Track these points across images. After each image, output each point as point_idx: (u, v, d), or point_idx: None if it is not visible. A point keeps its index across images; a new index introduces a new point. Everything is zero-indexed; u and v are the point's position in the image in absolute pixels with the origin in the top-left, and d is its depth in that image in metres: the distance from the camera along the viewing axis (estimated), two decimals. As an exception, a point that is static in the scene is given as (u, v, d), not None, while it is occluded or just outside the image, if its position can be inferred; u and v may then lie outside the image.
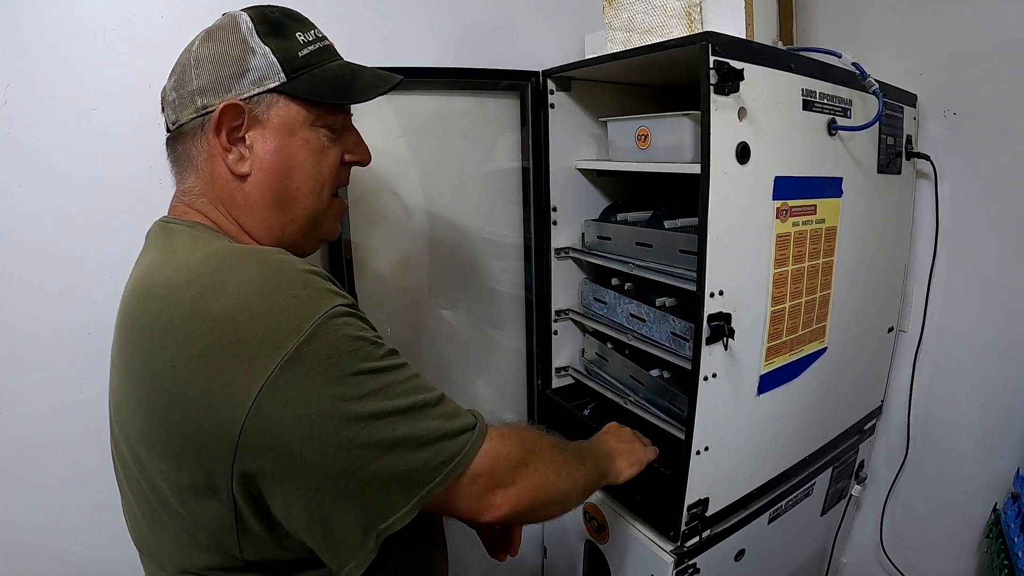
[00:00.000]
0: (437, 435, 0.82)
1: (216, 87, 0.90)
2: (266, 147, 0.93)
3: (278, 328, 0.74)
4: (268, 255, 0.83)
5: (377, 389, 0.78)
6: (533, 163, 1.75)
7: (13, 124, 1.35)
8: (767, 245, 1.30)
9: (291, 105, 0.93)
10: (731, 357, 1.29)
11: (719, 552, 1.47)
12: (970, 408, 1.78)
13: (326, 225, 1.06)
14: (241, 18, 0.93)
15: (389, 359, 0.82)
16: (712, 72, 1.12)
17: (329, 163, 1.00)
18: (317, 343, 0.75)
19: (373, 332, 0.83)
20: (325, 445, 0.75)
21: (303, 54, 0.95)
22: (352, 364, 0.77)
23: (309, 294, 0.78)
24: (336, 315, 0.78)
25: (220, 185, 0.94)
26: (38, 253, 1.41)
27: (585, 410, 1.79)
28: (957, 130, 1.69)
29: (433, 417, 0.83)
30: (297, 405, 0.73)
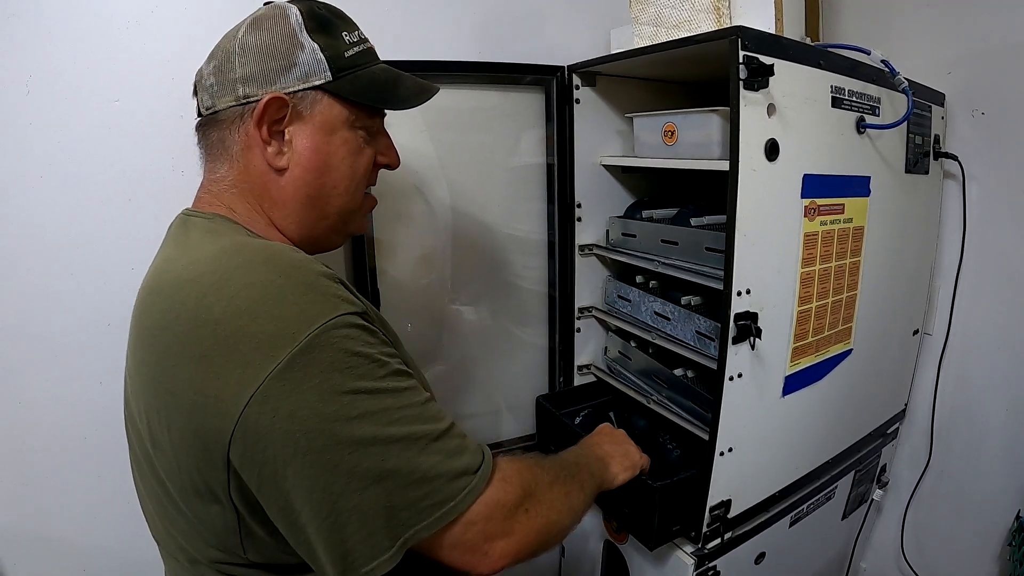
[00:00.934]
0: (432, 474, 0.77)
1: (261, 78, 0.90)
2: (306, 143, 0.93)
3: (273, 336, 0.72)
4: (277, 255, 0.81)
5: (371, 412, 0.74)
6: (558, 159, 1.74)
7: (36, 115, 1.36)
8: (795, 244, 1.29)
9: (334, 104, 0.94)
10: (757, 357, 1.27)
11: (740, 555, 1.46)
12: (994, 413, 1.76)
13: (356, 221, 1.06)
14: (291, 10, 0.92)
15: (391, 380, 0.78)
16: (742, 67, 1.11)
17: (364, 163, 1.00)
18: (312, 355, 0.72)
19: (383, 347, 0.80)
20: (307, 467, 0.72)
21: (349, 55, 0.95)
22: (346, 381, 0.73)
23: (311, 300, 0.76)
24: (337, 325, 0.75)
25: (254, 177, 0.94)
26: (59, 244, 1.42)
27: (577, 418, 1.77)
28: (985, 130, 1.67)
29: (432, 452, 0.78)
30: (284, 420, 0.71)
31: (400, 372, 0.80)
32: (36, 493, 1.52)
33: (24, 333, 1.43)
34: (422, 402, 0.81)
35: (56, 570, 1.58)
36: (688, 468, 1.38)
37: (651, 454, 1.50)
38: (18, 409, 1.46)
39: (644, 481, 1.31)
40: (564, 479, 1.02)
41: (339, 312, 0.75)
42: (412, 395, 0.80)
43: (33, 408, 1.47)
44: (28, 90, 1.35)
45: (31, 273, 1.41)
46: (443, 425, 0.82)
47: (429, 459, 0.77)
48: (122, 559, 1.59)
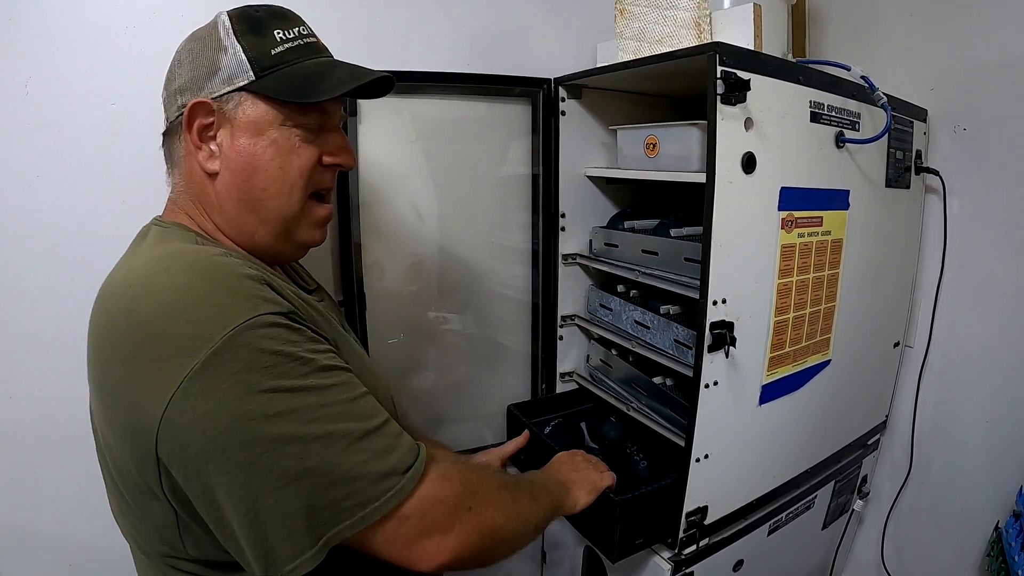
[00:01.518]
0: (354, 474, 0.76)
1: (192, 86, 0.92)
2: (233, 146, 0.92)
3: (191, 337, 0.73)
4: (202, 259, 0.82)
5: (290, 410, 0.74)
6: (543, 169, 1.76)
7: (34, 116, 1.38)
8: (772, 255, 1.31)
9: (259, 104, 0.92)
10: (733, 366, 1.29)
11: (717, 561, 1.47)
12: (974, 425, 1.77)
13: (302, 230, 1.02)
14: (221, 16, 0.94)
15: (315, 377, 0.77)
16: (719, 82, 1.13)
17: (300, 164, 0.96)
18: (227, 355, 0.72)
19: (309, 344, 0.79)
20: (227, 464, 0.72)
21: (276, 51, 0.93)
22: (264, 380, 0.73)
23: (229, 302, 0.76)
24: (255, 325, 0.74)
25: (196, 183, 0.96)
26: (54, 243, 1.44)
27: (547, 427, 1.75)
28: (967, 146, 1.69)
29: (356, 451, 0.77)
30: (202, 419, 0.71)
31: (328, 368, 0.79)
32: (24, 488, 1.53)
33: (16, 331, 1.45)
34: (350, 399, 0.80)
35: (42, 563, 1.59)
36: (655, 481, 1.39)
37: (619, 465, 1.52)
38: (8, 404, 1.48)
39: (606, 495, 1.32)
40: (513, 487, 1.02)
41: (257, 312, 0.76)
42: (339, 391, 0.79)
43: (23, 404, 1.49)
44: (27, 91, 1.37)
45: (25, 271, 1.43)
46: (372, 423, 0.80)
47: (352, 458, 0.76)
48: (107, 552, 1.58)
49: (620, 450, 1.63)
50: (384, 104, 1.56)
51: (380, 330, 1.70)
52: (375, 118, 1.57)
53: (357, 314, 1.63)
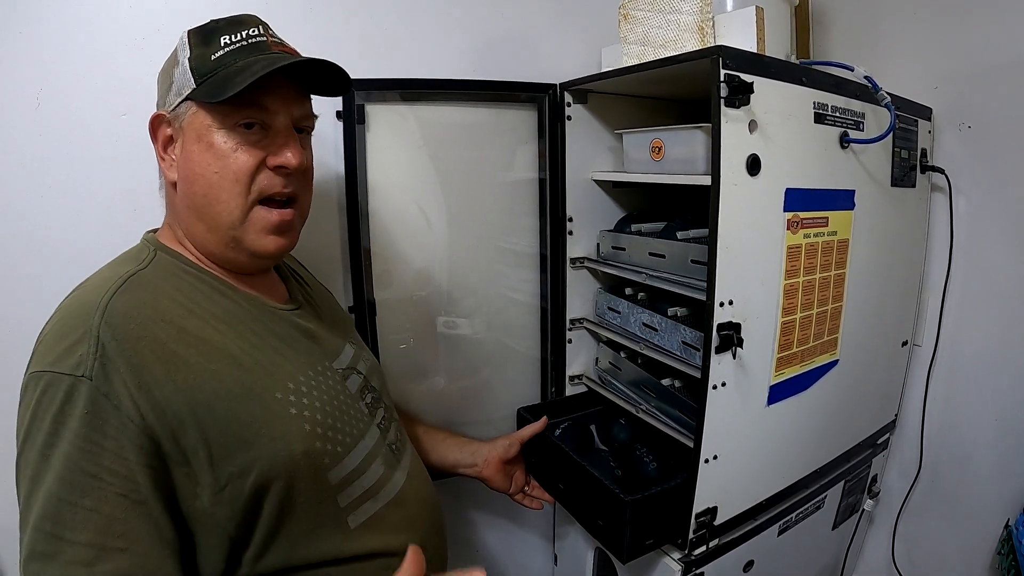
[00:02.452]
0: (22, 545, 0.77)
1: (159, 101, 0.98)
2: (182, 154, 0.96)
3: (29, 363, 0.86)
4: (77, 295, 0.92)
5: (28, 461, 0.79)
6: (550, 174, 1.77)
7: (45, 127, 1.39)
8: (778, 256, 1.31)
9: (200, 111, 0.94)
10: (740, 366, 1.30)
11: (727, 562, 1.47)
12: (984, 424, 1.77)
13: (249, 238, 0.98)
14: (183, 33, 0.97)
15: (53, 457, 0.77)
16: (723, 85, 1.14)
17: (236, 168, 0.94)
18: (24, 392, 0.83)
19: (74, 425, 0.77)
20: None
21: (215, 57, 0.93)
22: (25, 427, 0.80)
23: (47, 349, 0.84)
24: (39, 379, 0.81)
25: (167, 194, 1.02)
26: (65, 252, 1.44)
27: (557, 430, 1.73)
28: (972, 144, 1.69)
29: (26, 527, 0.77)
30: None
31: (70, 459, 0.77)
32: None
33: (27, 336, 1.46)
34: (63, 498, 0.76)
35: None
36: (665, 482, 1.40)
37: (629, 467, 1.52)
38: (21, 410, 1.49)
39: (616, 495, 1.32)
40: None
41: (46, 368, 0.81)
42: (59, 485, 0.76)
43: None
44: (39, 103, 1.38)
45: (37, 280, 1.43)
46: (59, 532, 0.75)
47: (24, 532, 0.77)
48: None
49: (630, 452, 1.63)
50: (391, 111, 1.57)
51: (390, 335, 1.71)
52: (384, 125, 1.58)
53: (367, 320, 1.64)
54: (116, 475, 0.78)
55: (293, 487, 0.93)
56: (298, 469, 0.93)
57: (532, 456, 1.57)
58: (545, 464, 1.57)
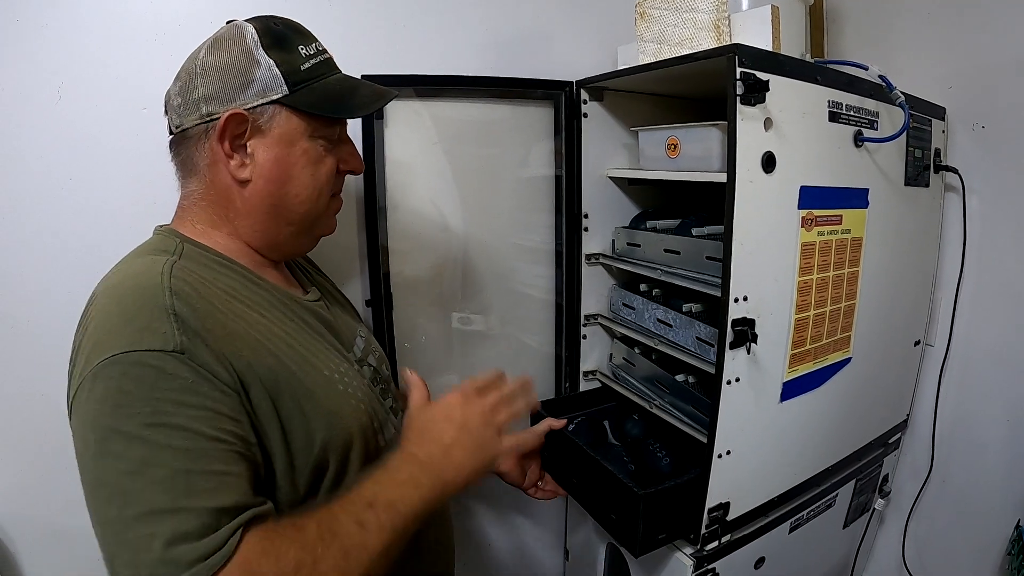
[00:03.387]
0: (138, 545, 0.70)
1: (221, 96, 0.94)
2: (267, 156, 0.97)
3: (87, 358, 0.78)
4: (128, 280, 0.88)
5: (116, 455, 0.73)
6: (566, 171, 1.78)
7: (66, 121, 1.41)
8: (792, 253, 1.32)
9: (292, 117, 0.97)
10: (754, 362, 1.30)
11: (739, 558, 1.48)
12: (995, 424, 1.77)
13: (322, 224, 1.10)
14: (247, 29, 0.96)
15: (156, 432, 0.73)
16: (739, 83, 1.15)
17: (326, 172, 1.03)
18: (95, 383, 0.75)
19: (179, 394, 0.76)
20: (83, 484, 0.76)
21: (305, 67, 0.98)
22: (108, 416, 0.74)
23: (119, 331, 0.79)
24: (123, 361, 0.75)
25: (220, 190, 0.99)
26: (86, 247, 1.46)
27: (571, 425, 1.71)
28: (985, 143, 1.69)
29: (151, 523, 0.70)
30: (73, 432, 0.79)
31: (182, 428, 0.75)
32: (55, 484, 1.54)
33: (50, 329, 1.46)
34: (183, 469, 0.73)
35: (74, 560, 1.60)
36: (678, 477, 1.40)
37: (642, 462, 1.53)
38: (40, 402, 1.49)
39: (630, 489, 1.33)
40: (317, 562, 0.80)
41: (132, 348, 0.76)
42: (175, 457, 0.73)
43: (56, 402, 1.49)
44: (60, 96, 1.39)
45: (59, 273, 1.45)
46: (188, 503, 0.72)
47: (145, 529, 0.70)
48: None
49: (643, 447, 1.64)
50: (409, 108, 1.58)
51: (406, 331, 1.72)
52: (400, 122, 1.59)
53: (384, 316, 1.65)
54: (235, 436, 0.80)
55: (348, 462, 0.97)
56: (353, 444, 0.98)
57: (546, 451, 1.58)
58: (559, 459, 1.57)
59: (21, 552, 1.57)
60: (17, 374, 1.49)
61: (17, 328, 1.47)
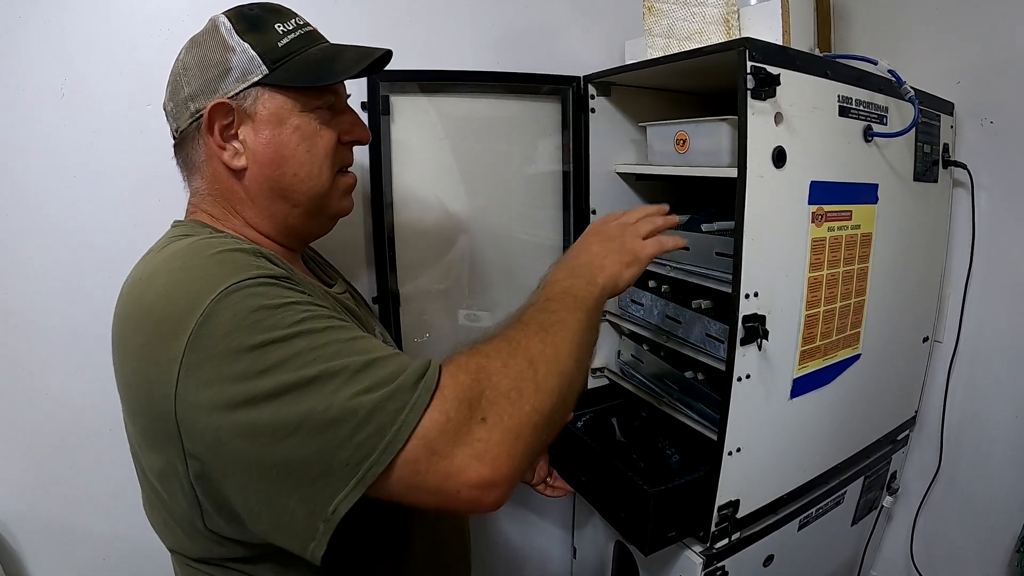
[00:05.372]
0: (355, 404, 0.70)
1: (204, 90, 0.94)
2: (258, 140, 0.95)
3: (184, 311, 0.74)
4: (199, 244, 0.85)
5: (282, 360, 0.71)
6: (574, 166, 1.78)
7: (70, 117, 1.41)
8: (802, 249, 1.31)
9: (276, 95, 0.95)
10: (765, 359, 1.30)
11: (748, 556, 1.48)
12: (1004, 421, 1.76)
13: (333, 203, 1.06)
14: (220, 20, 0.96)
15: (308, 323, 0.74)
16: (749, 77, 1.14)
17: (324, 145, 1.00)
18: (214, 321, 0.72)
19: (300, 295, 0.78)
20: (233, 430, 0.71)
21: (282, 44, 0.96)
22: (252, 337, 0.72)
23: (216, 272, 0.77)
24: (237, 288, 0.74)
25: (221, 183, 0.98)
26: (90, 243, 1.47)
27: (578, 422, 1.74)
28: (994, 139, 1.69)
29: (358, 381, 0.71)
30: (205, 388, 0.71)
31: (322, 316, 0.77)
32: (59, 482, 1.55)
33: (54, 327, 1.47)
34: (347, 339, 0.76)
35: (77, 558, 1.61)
36: (687, 474, 1.40)
37: (651, 460, 1.52)
38: (44, 400, 1.50)
39: (640, 487, 1.32)
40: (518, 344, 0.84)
41: (241, 277, 0.76)
42: (333, 333, 0.76)
43: (59, 400, 1.51)
44: (63, 93, 1.39)
45: (63, 269, 1.46)
46: (372, 355, 0.74)
47: (350, 388, 0.71)
48: (140, 547, 1.61)
49: (652, 444, 1.63)
50: (415, 103, 1.58)
51: (413, 328, 1.72)
52: (406, 118, 1.58)
53: (391, 312, 1.65)
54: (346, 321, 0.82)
55: None
56: None
57: (554, 448, 1.58)
58: (567, 456, 1.57)
59: (25, 549, 1.57)
60: (20, 371, 1.49)
61: (21, 325, 1.47)
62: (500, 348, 0.83)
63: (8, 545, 1.55)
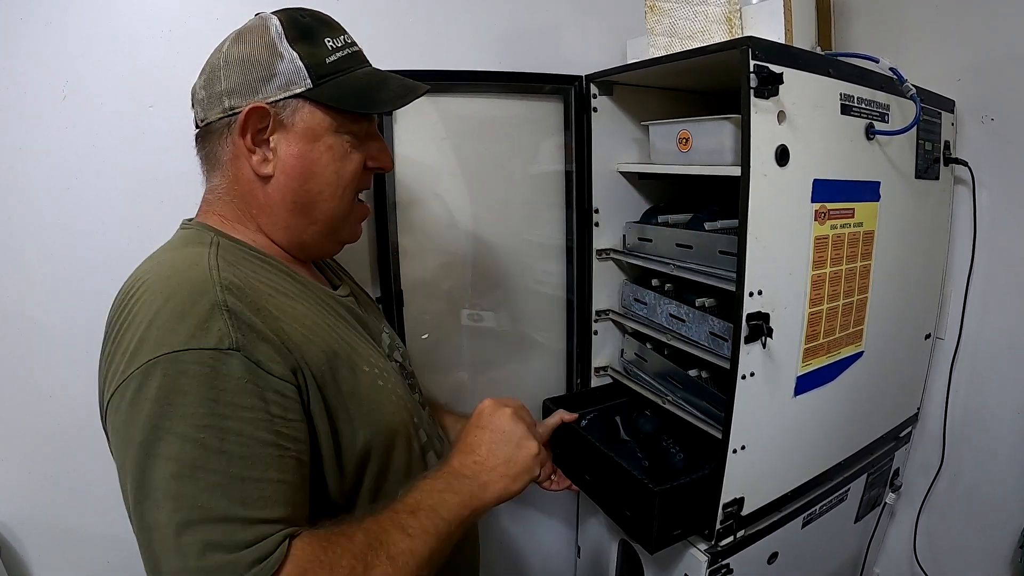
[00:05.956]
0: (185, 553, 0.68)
1: (244, 89, 0.93)
2: (290, 151, 0.95)
3: (133, 352, 0.74)
4: (180, 274, 0.83)
5: (167, 456, 0.70)
6: (576, 166, 1.78)
7: (71, 119, 1.41)
8: (805, 247, 1.32)
9: (316, 111, 0.95)
10: (769, 357, 1.30)
11: (752, 554, 1.48)
12: (1006, 418, 1.77)
13: (347, 228, 1.07)
14: (271, 21, 0.95)
15: (210, 434, 0.72)
16: (752, 76, 1.14)
17: (351, 168, 1.01)
18: (146, 380, 0.72)
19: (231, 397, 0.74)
20: (119, 478, 0.74)
21: (330, 60, 0.96)
22: (160, 417, 0.71)
23: (172, 327, 0.75)
24: (180, 359, 0.73)
25: (243, 185, 0.97)
26: (92, 245, 1.47)
27: (583, 421, 1.73)
28: (995, 136, 1.69)
29: (204, 530, 0.69)
30: (114, 432, 0.75)
31: (234, 432, 0.73)
32: (62, 484, 1.55)
33: (57, 328, 1.48)
34: (237, 476, 0.72)
35: (81, 561, 1.61)
36: (692, 472, 1.40)
37: (656, 458, 1.52)
38: (46, 402, 1.51)
39: (645, 485, 1.32)
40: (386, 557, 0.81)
41: (187, 346, 0.74)
42: (228, 462, 0.72)
43: (61, 401, 1.51)
44: (65, 95, 1.39)
45: (65, 271, 1.46)
46: (240, 511, 0.71)
47: (195, 535, 0.69)
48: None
49: (656, 443, 1.64)
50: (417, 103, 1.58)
51: (415, 327, 1.72)
52: (410, 118, 1.58)
53: (394, 311, 1.65)
54: (291, 439, 0.79)
55: (390, 456, 0.98)
56: (396, 438, 0.99)
57: (558, 447, 1.58)
58: (571, 455, 1.57)
59: (29, 552, 1.57)
60: (22, 373, 1.50)
61: (24, 328, 1.47)
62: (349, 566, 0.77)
63: (11, 548, 1.55)
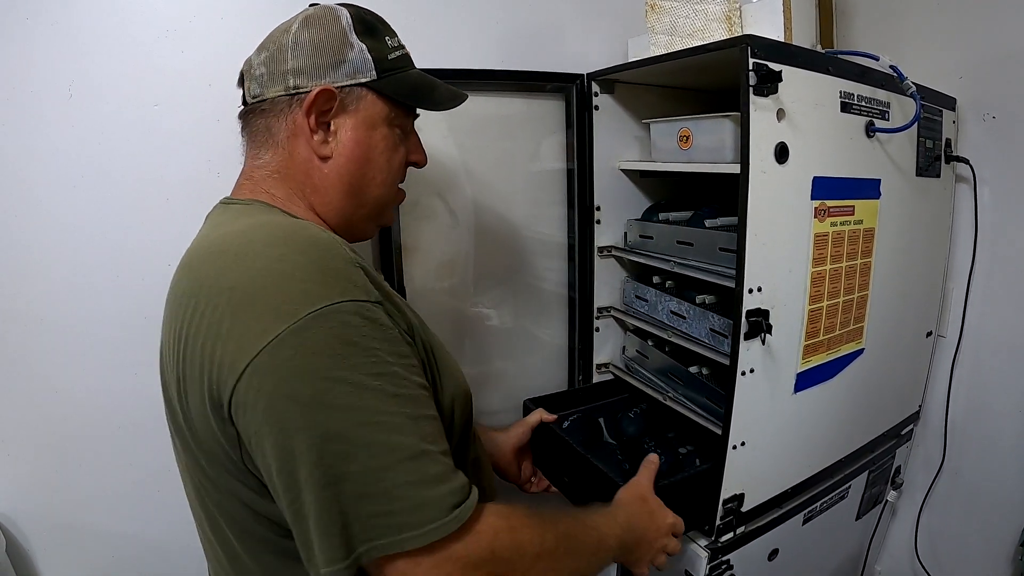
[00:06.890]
0: (394, 494, 0.71)
1: (311, 71, 0.96)
2: (350, 135, 0.99)
3: (275, 310, 0.73)
4: (300, 232, 0.84)
5: (347, 407, 0.71)
6: (577, 164, 1.78)
7: (78, 118, 1.42)
8: (805, 244, 1.32)
9: (377, 102, 1.00)
10: (769, 353, 1.30)
11: (753, 550, 1.48)
12: (1007, 415, 1.77)
13: (388, 213, 1.13)
14: (342, 13, 0.99)
15: (384, 381, 0.75)
16: (751, 74, 1.15)
17: (399, 159, 1.07)
18: (305, 335, 0.72)
19: (391, 345, 0.78)
20: (280, 446, 0.71)
21: (391, 57, 1.02)
22: (332, 368, 0.72)
23: (320, 280, 0.76)
24: (339, 311, 0.74)
25: (298, 163, 0.99)
26: (98, 241, 1.47)
27: (565, 423, 1.70)
28: (996, 134, 1.69)
29: (403, 471, 0.72)
30: (266, 395, 0.71)
31: (401, 376, 0.77)
32: (68, 481, 1.56)
33: (63, 326, 1.49)
34: (414, 415, 0.76)
35: (87, 557, 1.62)
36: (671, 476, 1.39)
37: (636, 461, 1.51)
38: (54, 398, 1.52)
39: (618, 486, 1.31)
40: (560, 553, 0.91)
41: (345, 298, 0.75)
42: (403, 403, 0.75)
43: (69, 397, 1.53)
44: (71, 94, 1.40)
45: (71, 269, 1.47)
46: (428, 446, 0.75)
47: (396, 477, 0.71)
48: (150, 545, 1.63)
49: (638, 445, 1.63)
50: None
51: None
52: (412, 116, 1.59)
53: (398, 310, 1.64)
54: (426, 385, 0.83)
55: (456, 424, 1.01)
56: (466, 405, 1.06)
57: (536, 448, 1.58)
58: (549, 457, 1.57)
59: (35, 548, 1.58)
60: (29, 370, 1.51)
61: (30, 325, 1.48)
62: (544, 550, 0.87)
63: (18, 544, 1.56)
